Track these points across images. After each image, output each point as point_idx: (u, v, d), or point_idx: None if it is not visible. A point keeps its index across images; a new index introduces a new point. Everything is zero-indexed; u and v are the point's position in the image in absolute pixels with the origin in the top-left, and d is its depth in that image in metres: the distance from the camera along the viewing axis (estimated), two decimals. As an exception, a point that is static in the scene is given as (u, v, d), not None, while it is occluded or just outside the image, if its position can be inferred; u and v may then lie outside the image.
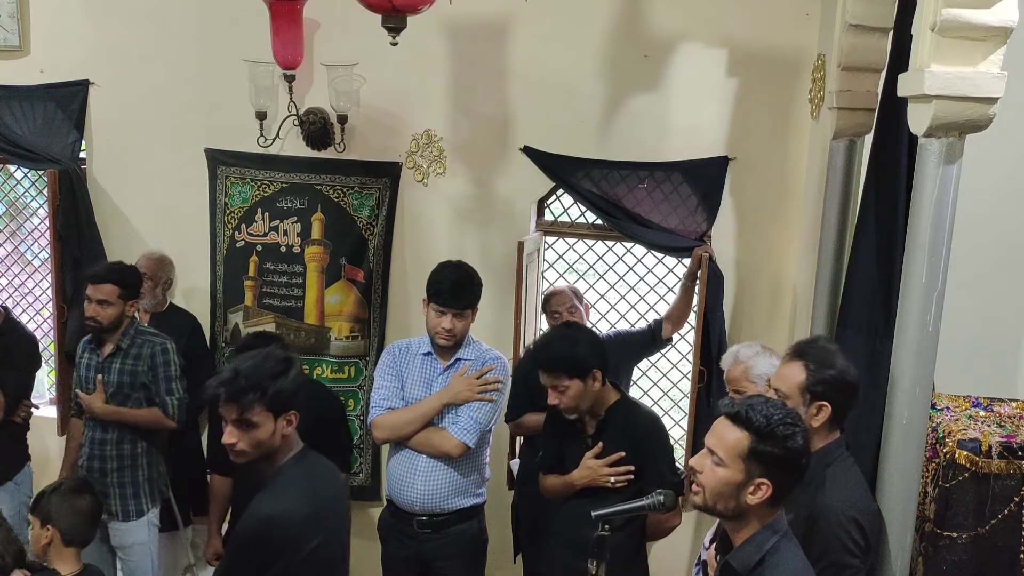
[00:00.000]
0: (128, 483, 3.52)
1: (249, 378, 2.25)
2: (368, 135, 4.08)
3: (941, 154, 2.10)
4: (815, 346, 2.37)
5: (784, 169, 3.81)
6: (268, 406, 2.25)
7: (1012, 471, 2.32)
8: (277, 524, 2.21)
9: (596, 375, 2.79)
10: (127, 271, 3.53)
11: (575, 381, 2.76)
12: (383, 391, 3.11)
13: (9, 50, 4.31)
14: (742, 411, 1.85)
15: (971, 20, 1.99)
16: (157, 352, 3.50)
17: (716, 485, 1.86)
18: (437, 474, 3.05)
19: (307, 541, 2.26)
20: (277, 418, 2.28)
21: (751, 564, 1.85)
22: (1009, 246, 3.09)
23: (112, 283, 3.41)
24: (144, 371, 3.48)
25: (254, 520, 2.24)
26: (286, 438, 2.32)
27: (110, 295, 3.40)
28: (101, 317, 3.41)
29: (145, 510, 3.56)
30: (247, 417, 2.24)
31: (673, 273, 4.22)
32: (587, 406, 2.82)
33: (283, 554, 2.23)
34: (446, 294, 3.00)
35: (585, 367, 2.76)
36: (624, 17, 3.81)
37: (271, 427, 2.27)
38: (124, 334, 3.48)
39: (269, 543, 2.22)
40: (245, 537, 2.26)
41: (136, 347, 3.49)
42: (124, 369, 3.48)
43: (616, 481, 2.79)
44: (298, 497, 2.26)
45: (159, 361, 3.50)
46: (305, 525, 2.26)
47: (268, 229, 4.19)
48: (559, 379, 2.76)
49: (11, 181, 4.86)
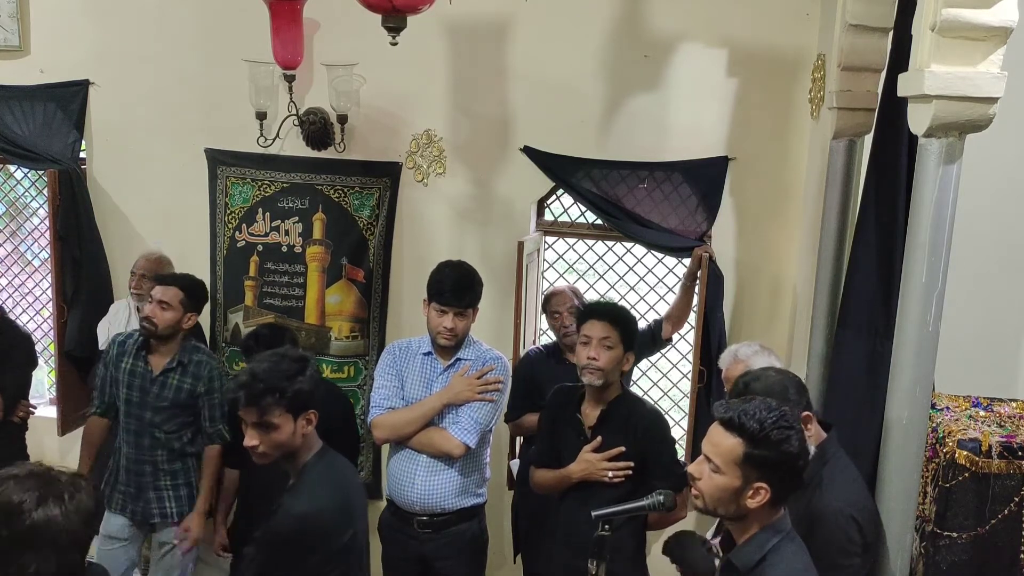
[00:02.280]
0: (183, 484, 3.46)
1: (266, 380, 2.26)
2: (368, 135, 4.08)
3: (941, 154, 2.10)
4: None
5: (784, 169, 3.81)
6: (287, 407, 2.27)
7: (1012, 471, 2.32)
8: (312, 521, 2.25)
9: (630, 358, 2.87)
10: (197, 283, 3.50)
11: (620, 347, 2.80)
12: (383, 391, 3.11)
13: (9, 50, 4.31)
14: (735, 417, 1.84)
15: (971, 20, 1.99)
16: (215, 375, 3.45)
17: (714, 491, 1.87)
18: (437, 474, 3.05)
19: (341, 535, 2.31)
20: (296, 418, 2.29)
21: (752, 563, 1.86)
22: (1009, 246, 3.09)
23: (179, 287, 3.37)
24: (200, 392, 3.41)
25: (290, 519, 2.26)
26: (306, 437, 2.34)
27: (173, 299, 3.34)
28: (158, 320, 3.32)
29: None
30: (267, 419, 2.26)
31: (673, 273, 4.22)
32: (609, 382, 2.83)
33: (318, 550, 2.26)
34: (447, 293, 2.99)
35: (632, 342, 2.85)
36: (624, 17, 3.81)
37: (291, 428, 2.28)
38: (184, 348, 3.42)
39: (305, 540, 2.25)
40: (281, 536, 2.27)
41: (194, 365, 3.42)
42: (182, 386, 3.39)
43: (614, 476, 2.79)
44: (328, 493, 2.30)
45: (215, 385, 3.44)
46: (338, 520, 2.30)
47: (269, 229, 4.19)
48: (611, 333, 2.79)
49: (11, 181, 4.86)
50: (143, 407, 3.38)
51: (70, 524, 1.64)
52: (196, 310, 3.44)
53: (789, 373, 2.41)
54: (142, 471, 3.41)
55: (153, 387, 3.37)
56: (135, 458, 3.41)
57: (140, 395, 3.38)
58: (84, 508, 1.67)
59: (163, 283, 3.40)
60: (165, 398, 3.38)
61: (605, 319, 2.83)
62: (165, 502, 3.44)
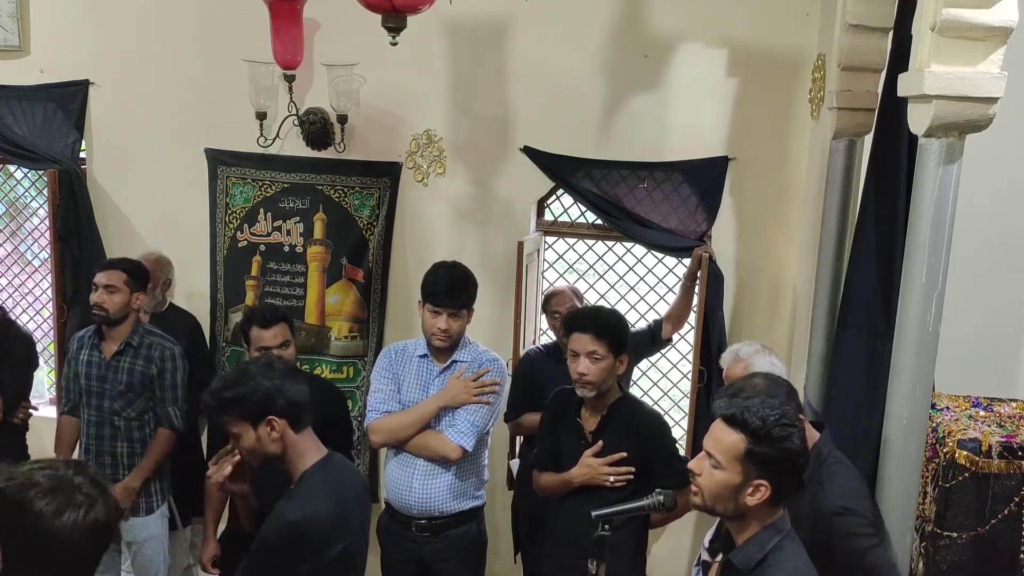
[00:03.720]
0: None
1: (212, 394, 2.32)
2: (368, 135, 4.08)
3: (941, 154, 2.10)
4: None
5: (784, 169, 3.81)
6: (240, 416, 2.28)
7: (1012, 471, 2.32)
8: (302, 529, 2.23)
9: (624, 361, 2.80)
10: (136, 263, 3.52)
11: (610, 357, 2.75)
12: (379, 394, 3.08)
13: (9, 50, 4.31)
14: (737, 413, 1.85)
15: (971, 20, 1.99)
16: (167, 356, 3.46)
17: (714, 488, 1.87)
18: (435, 477, 3.03)
19: (332, 546, 2.28)
20: (256, 426, 2.28)
21: (753, 563, 1.85)
22: (1009, 246, 3.09)
23: (120, 269, 3.40)
24: (155, 373, 3.44)
25: (279, 525, 2.25)
26: (288, 443, 2.30)
27: (118, 280, 3.36)
28: (108, 304, 3.35)
29: (160, 503, 3.56)
30: (229, 429, 2.31)
31: (673, 273, 4.22)
32: (604, 390, 2.80)
33: (307, 559, 2.24)
34: (441, 294, 2.98)
35: (623, 346, 2.78)
36: (624, 17, 3.81)
37: (252, 435, 2.28)
38: (134, 331, 3.44)
39: (293, 548, 2.23)
40: (270, 542, 2.26)
41: (146, 347, 3.44)
42: (134, 368, 3.43)
43: (615, 480, 2.79)
44: (322, 503, 2.27)
45: (168, 367, 3.45)
46: (330, 530, 2.27)
47: (271, 229, 4.20)
48: (599, 345, 2.73)
49: (11, 181, 4.86)
50: (101, 396, 3.44)
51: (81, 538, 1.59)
52: (142, 290, 3.47)
53: (777, 378, 2.40)
54: (102, 463, 3.45)
55: (108, 373, 3.42)
56: (96, 449, 3.47)
57: (98, 384, 3.44)
58: (97, 521, 1.61)
59: (104, 268, 3.42)
60: (120, 382, 3.42)
61: (589, 331, 2.75)
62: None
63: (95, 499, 1.61)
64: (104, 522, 1.62)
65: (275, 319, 3.13)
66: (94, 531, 1.60)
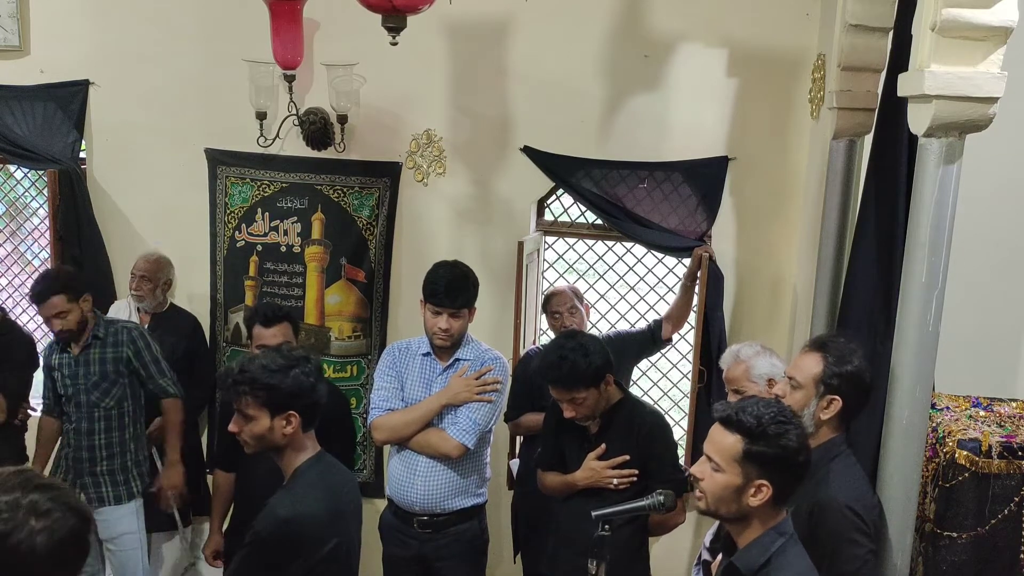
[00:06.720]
0: (118, 469, 3.55)
1: (246, 372, 2.29)
2: (368, 135, 4.08)
3: (941, 154, 2.10)
4: (837, 341, 2.36)
5: (784, 169, 3.81)
6: (263, 403, 2.27)
7: (1012, 471, 2.33)
8: (294, 526, 2.23)
9: (609, 379, 2.79)
10: (60, 274, 3.53)
11: (591, 391, 2.74)
12: (383, 392, 3.10)
13: (9, 50, 4.31)
14: (732, 414, 1.86)
15: (971, 20, 1.99)
16: (135, 336, 3.53)
17: (716, 490, 1.87)
18: (437, 475, 3.05)
19: (324, 543, 2.28)
20: (273, 416, 2.28)
21: (756, 566, 1.85)
22: (1009, 246, 3.10)
23: (54, 293, 3.39)
24: (130, 355, 3.50)
25: (271, 521, 2.25)
26: (292, 438, 2.31)
27: (61, 303, 3.38)
28: (67, 326, 3.41)
29: (135, 492, 3.59)
30: (242, 408, 2.30)
31: (673, 273, 4.22)
32: (601, 409, 2.81)
33: (299, 556, 2.25)
34: (441, 294, 2.99)
35: (600, 375, 2.74)
36: (624, 17, 3.81)
37: (267, 423, 2.28)
38: (96, 325, 3.51)
39: (285, 544, 2.23)
40: (261, 537, 2.26)
41: (112, 335, 3.51)
42: (106, 357, 3.49)
43: (619, 483, 2.79)
44: (315, 499, 2.28)
45: (141, 345, 3.53)
46: (322, 527, 2.27)
47: (268, 229, 4.20)
48: (576, 392, 2.73)
49: (11, 181, 4.86)
50: (77, 392, 3.49)
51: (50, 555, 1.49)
52: (82, 292, 3.47)
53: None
54: (80, 457, 3.51)
55: (79, 368, 3.48)
56: (75, 445, 3.52)
57: (72, 380, 3.49)
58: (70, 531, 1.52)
59: (39, 300, 3.40)
60: (94, 373, 3.48)
61: (559, 385, 2.74)
62: (102, 487, 3.53)
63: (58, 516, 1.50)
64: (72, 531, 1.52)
65: (277, 319, 3.19)
66: (61, 545, 1.50)
